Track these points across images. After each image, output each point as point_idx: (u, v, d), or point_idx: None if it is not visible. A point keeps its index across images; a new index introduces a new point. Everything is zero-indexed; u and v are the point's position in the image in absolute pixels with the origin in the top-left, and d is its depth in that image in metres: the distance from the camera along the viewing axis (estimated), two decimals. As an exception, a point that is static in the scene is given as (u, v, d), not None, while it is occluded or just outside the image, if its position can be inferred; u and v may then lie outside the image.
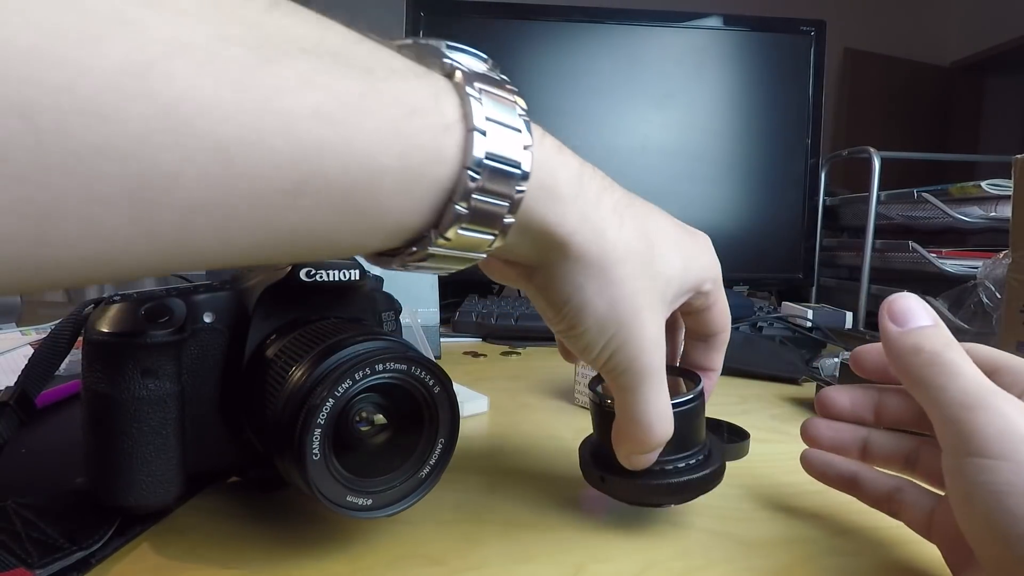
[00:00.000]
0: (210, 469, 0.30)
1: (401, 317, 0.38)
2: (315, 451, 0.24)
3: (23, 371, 0.29)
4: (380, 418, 0.26)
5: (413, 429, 0.27)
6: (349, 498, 0.25)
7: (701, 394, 0.30)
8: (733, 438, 0.42)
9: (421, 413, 0.27)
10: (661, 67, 0.93)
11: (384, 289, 0.37)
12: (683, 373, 0.32)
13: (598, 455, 0.31)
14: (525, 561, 0.27)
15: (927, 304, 0.25)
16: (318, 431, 0.24)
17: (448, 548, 0.28)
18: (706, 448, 0.30)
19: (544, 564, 0.27)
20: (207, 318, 0.28)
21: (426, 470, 0.27)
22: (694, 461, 0.29)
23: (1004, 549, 0.19)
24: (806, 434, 0.30)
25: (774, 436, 0.45)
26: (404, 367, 0.26)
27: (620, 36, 0.92)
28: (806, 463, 0.31)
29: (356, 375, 0.24)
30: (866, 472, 0.29)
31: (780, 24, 0.95)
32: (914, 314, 0.24)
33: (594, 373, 0.49)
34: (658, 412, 0.26)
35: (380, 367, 0.25)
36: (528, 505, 0.32)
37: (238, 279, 0.31)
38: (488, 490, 0.34)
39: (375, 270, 0.36)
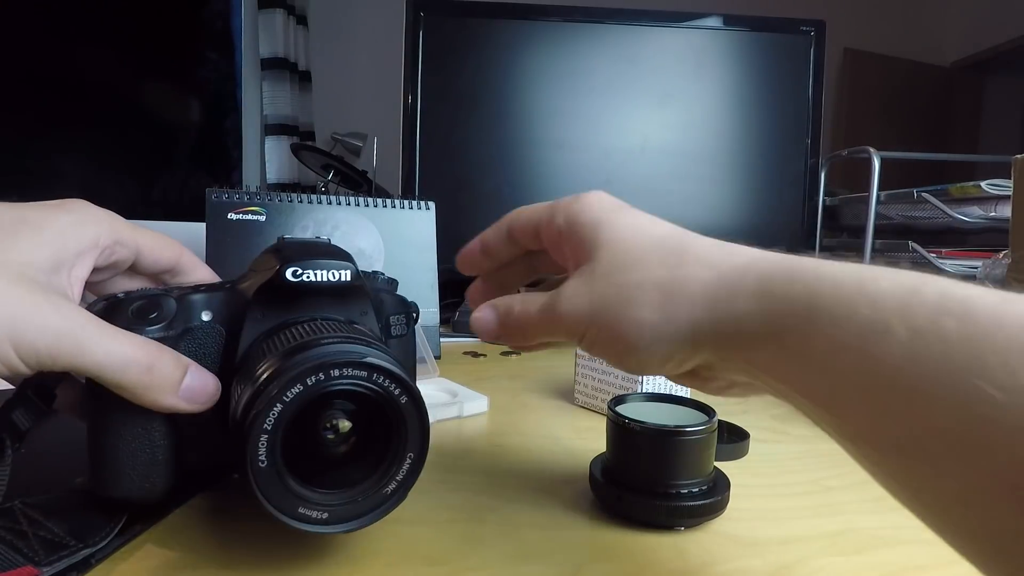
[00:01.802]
0: (210, 467, 0.29)
1: None
2: (261, 458, 0.23)
3: None
4: (345, 424, 0.25)
5: (380, 442, 0.26)
6: (302, 510, 0.24)
7: (716, 425, 0.32)
8: (733, 438, 0.42)
9: (389, 425, 0.26)
10: (661, 67, 0.93)
11: None
12: (697, 405, 0.34)
13: (613, 475, 0.32)
14: (525, 561, 0.27)
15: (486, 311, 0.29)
16: (264, 436, 0.23)
17: (448, 548, 0.28)
18: (714, 476, 0.32)
19: (544, 564, 0.27)
20: (204, 316, 0.28)
21: (392, 486, 0.26)
22: (707, 487, 0.31)
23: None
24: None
25: (774, 436, 0.45)
26: (363, 373, 0.24)
27: (620, 36, 0.92)
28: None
29: (308, 380, 0.23)
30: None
31: (780, 24, 0.95)
32: (486, 324, 0.28)
33: (596, 378, 0.49)
34: None
35: (336, 372, 0.24)
36: (528, 505, 0.32)
37: (238, 279, 0.31)
38: (488, 490, 0.34)
39: (389, 272, 0.36)
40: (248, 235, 0.61)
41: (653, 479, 0.30)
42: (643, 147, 0.93)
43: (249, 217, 0.62)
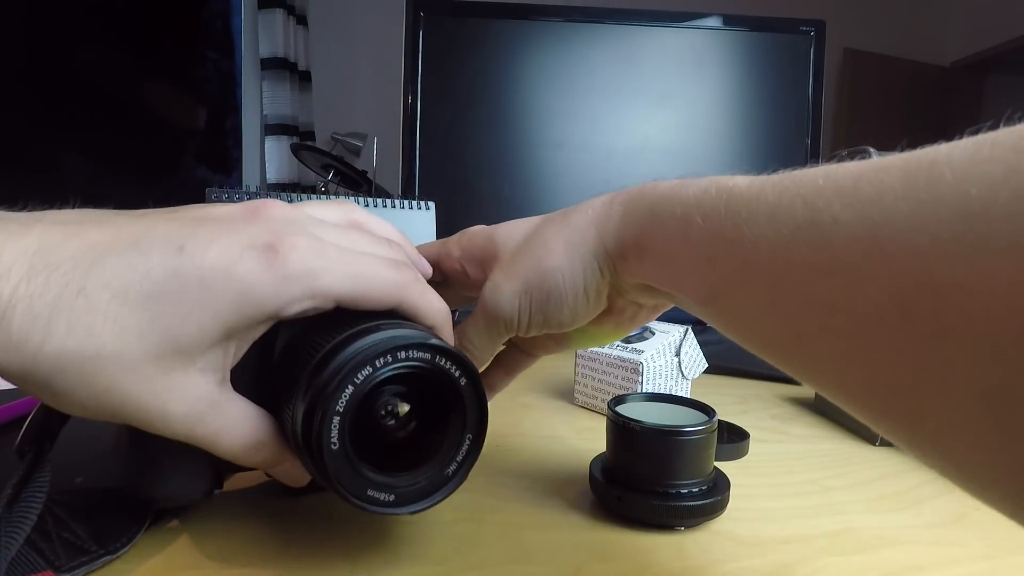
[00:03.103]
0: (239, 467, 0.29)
1: None
2: (334, 440, 0.23)
3: None
4: (404, 407, 0.26)
5: (439, 423, 0.26)
6: (371, 492, 0.24)
7: (716, 425, 0.32)
8: (733, 438, 0.42)
9: (447, 406, 0.26)
10: (661, 67, 0.93)
11: None
12: (697, 405, 0.34)
13: (613, 475, 0.32)
14: (525, 561, 0.27)
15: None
16: (336, 419, 0.23)
17: (448, 548, 0.28)
18: (714, 476, 0.32)
19: (544, 564, 0.27)
20: None
21: (452, 467, 0.26)
22: (706, 487, 0.31)
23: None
24: None
25: (774, 436, 0.45)
26: (428, 356, 0.25)
27: (620, 36, 0.92)
28: None
29: (377, 363, 0.24)
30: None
31: (780, 24, 0.95)
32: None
33: (596, 378, 0.49)
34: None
35: (403, 355, 0.24)
36: (528, 505, 0.32)
37: None
38: (488, 490, 0.34)
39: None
40: (248, 235, 0.61)
41: (653, 479, 0.30)
42: (643, 147, 0.93)
43: (249, 217, 0.62)
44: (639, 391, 0.45)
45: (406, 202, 0.68)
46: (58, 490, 0.28)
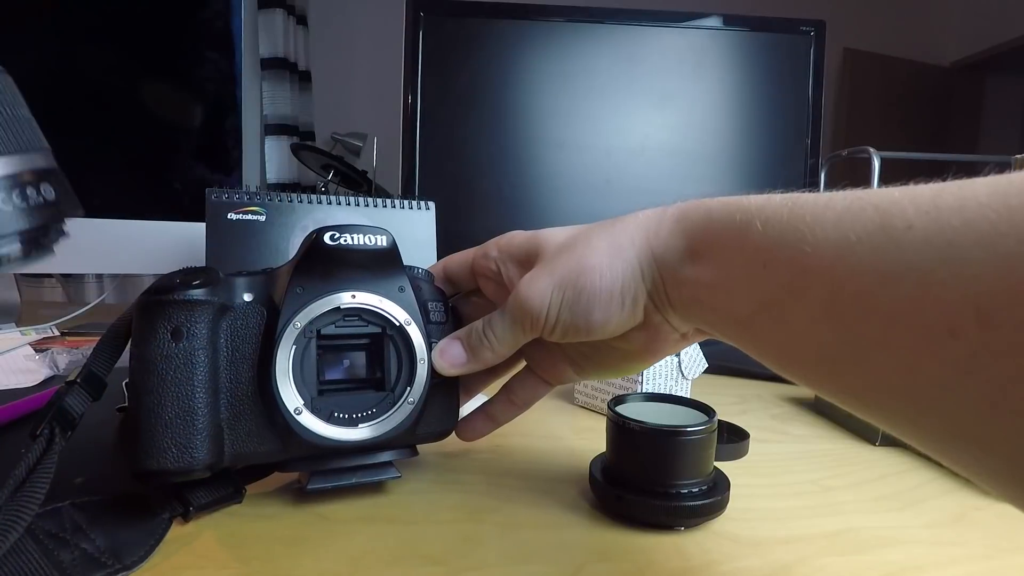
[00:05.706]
0: (251, 451, 0.29)
1: None
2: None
3: (92, 351, 0.29)
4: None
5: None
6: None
7: (716, 425, 0.32)
8: (733, 438, 0.42)
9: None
10: (661, 67, 0.93)
11: None
12: (697, 405, 0.34)
13: (614, 475, 0.32)
14: (525, 561, 0.27)
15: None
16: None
17: (448, 548, 0.28)
18: (714, 476, 0.32)
19: (544, 564, 0.27)
20: (246, 296, 0.29)
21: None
22: (707, 487, 0.31)
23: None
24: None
25: (774, 436, 0.45)
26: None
27: (620, 36, 0.92)
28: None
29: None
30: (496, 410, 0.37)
31: (780, 24, 0.95)
32: (452, 357, 0.32)
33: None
34: None
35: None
36: (528, 505, 0.32)
37: (279, 266, 0.31)
38: (488, 490, 0.34)
39: (427, 263, 0.37)
40: (248, 235, 0.61)
41: (653, 479, 0.30)
42: (643, 147, 0.93)
43: (249, 217, 0.62)
44: (639, 391, 0.45)
45: (406, 202, 0.68)
46: (76, 491, 0.28)
